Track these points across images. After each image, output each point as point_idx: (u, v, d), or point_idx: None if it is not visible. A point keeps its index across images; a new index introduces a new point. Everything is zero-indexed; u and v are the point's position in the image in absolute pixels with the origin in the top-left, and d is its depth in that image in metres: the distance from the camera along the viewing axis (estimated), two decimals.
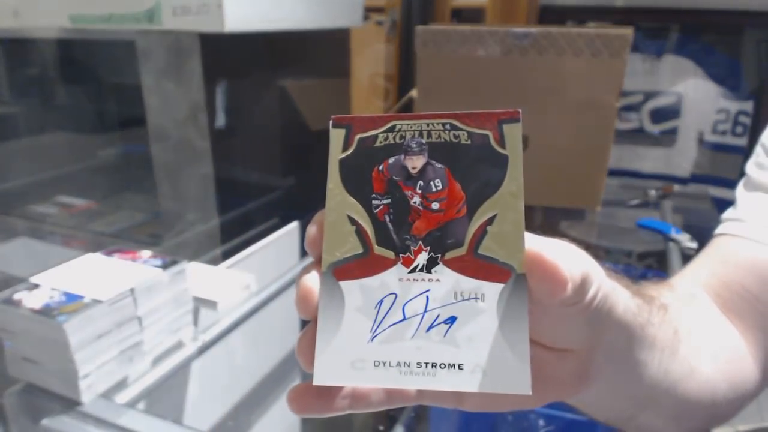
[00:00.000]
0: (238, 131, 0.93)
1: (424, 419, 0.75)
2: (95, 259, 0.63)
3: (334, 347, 0.22)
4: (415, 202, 0.23)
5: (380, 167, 0.24)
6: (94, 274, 0.59)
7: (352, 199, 0.23)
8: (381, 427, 0.76)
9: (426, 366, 0.22)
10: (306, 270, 0.23)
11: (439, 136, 0.23)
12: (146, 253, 0.64)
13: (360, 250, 0.23)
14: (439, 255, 0.23)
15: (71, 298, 0.54)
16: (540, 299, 0.22)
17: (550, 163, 1.01)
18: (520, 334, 0.21)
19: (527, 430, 0.74)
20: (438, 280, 0.23)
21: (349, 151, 0.24)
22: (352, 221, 0.23)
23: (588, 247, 0.25)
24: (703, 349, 0.38)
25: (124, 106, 1.11)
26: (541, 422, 0.73)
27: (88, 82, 1.14)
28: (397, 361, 0.22)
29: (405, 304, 0.22)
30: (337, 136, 0.24)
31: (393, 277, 0.23)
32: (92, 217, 1.09)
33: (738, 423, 0.59)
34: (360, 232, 0.23)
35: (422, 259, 0.23)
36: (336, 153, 0.24)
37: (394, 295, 0.23)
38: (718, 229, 0.47)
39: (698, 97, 1.54)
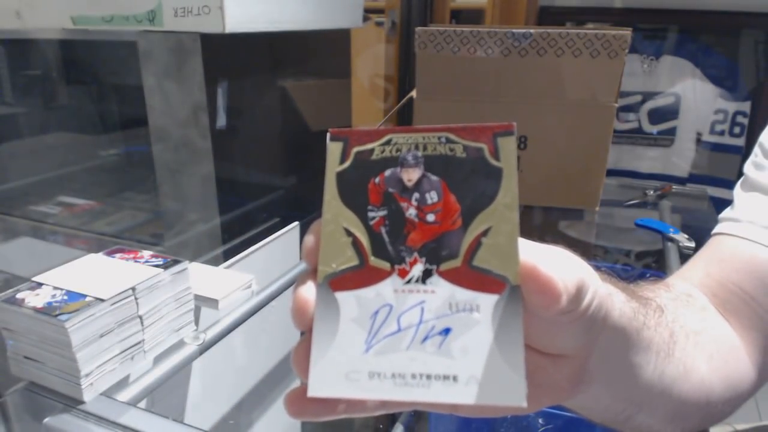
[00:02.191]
0: (239, 131, 0.93)
1: (423, 418, 0.76)
2: (97, 259, 0.63)
3: (329, 358, 0.22)
4: (410, 214, 0.23)
5: (376, 179, 0.24)
6: (95, 274, 0.59)
7: (349, 210, 0.24)
8: (381, 426, 0.77)
9: (421, 377, 0.22)
10: (301, 281, 0.24)
11: (435, 149, 0.24)
12: (148, 253, 0.64)
13: (356, 262, 0.23)
14: (435, 266, 0.23)
15: (73, 297, 0.54)
16: (535, 310, 0.22)
17: (548, 164, 1.02)
18: (515, 346, 0.22)
19: (526, 428, 0.74)
20: (433, 291, 0.23)
21: (347, 164, 0.24)
22: (348, 233, 0.23)
23: (587, 247, 0.25)
24: (699, 350, 0.38)
25: (126, 107, 1.11)
26: (541, 421, 0.74)
27: (89, 83, 1.14)
28: (392, 373, 0.22)
29: (400, 315, 0.23)
30: (334, 149, 0.24)
31: (388, 289, 0.23)
32: (94, 217, 1.10)
33: (735, 422, 0.59)
34: (356, 244, 0.23)
35: (417, 270, 0.23)
36: (333, 165, 0.24)
37: (389, 307, 0.23)
38: (716, 229, 0.48)
39: (696, 97, 1.55)
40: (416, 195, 0.24)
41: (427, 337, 0.22)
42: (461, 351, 0.22)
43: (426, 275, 0.23)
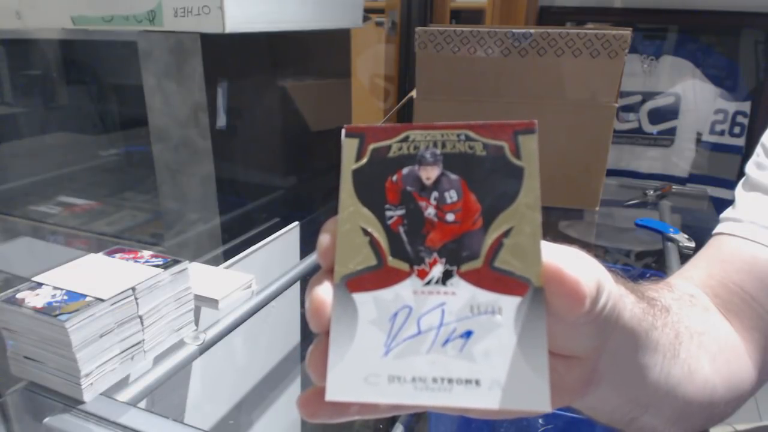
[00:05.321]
0: (239, 131, 0.93)
1: (423, 418, 0.75)
2: (97, 259, 0.63)
3: (347, 361, 0.22)
4: (429, 214, 0.23)
5: (394, 177, 0.23)
6: (95, 274, 0.59)
7: (366, 209, 0.23)
8: (381, 426, 0.77)
9: (442, 381, 0.21)
10: (317, 281, 0.23)
11: (454, 147, 0.23)
12: (148, 253, 0.64)
13: (374, 262, 0.22)
14: (455, 267, 0.22)
15: (73, 297, 0.54)
16: (558, 313, 0.22)
17: (548, 164, 1.01)
18: (538, 349, 0.21)
19: (526, 428, 0.74)
20: (454, 293, 0.22)
21: (363, 162, 0.23)
22: (366, 232, 0.23)
23: (587, 247, 0.25)
24: (703, 351, 0.38)
25: (126, 107, 1.11)
26: (541, 421, 0.74)
27: (90, 83, 1.14)
28: (412, 376, 0.21)
29: (420, 317, 0.22)
30: (350, 146, 0.23)
31: (407, 290, 0.22)
32: (94, 217, 1.10)
33: (735, 422, 0.59)
34: (373, 244, 0.23)
35: (437, 271, 0.22)
36: (349, 163, 0.23)
37: (408, 308, 0.22)
38: (717, 229, 0.48)
39: (696, 97, 1.55)
40: (435, 194, 0.23)
41: (448, 340, 0.22)
42: (483, 354, 0.21)
43: (446, 276, 0.22)
